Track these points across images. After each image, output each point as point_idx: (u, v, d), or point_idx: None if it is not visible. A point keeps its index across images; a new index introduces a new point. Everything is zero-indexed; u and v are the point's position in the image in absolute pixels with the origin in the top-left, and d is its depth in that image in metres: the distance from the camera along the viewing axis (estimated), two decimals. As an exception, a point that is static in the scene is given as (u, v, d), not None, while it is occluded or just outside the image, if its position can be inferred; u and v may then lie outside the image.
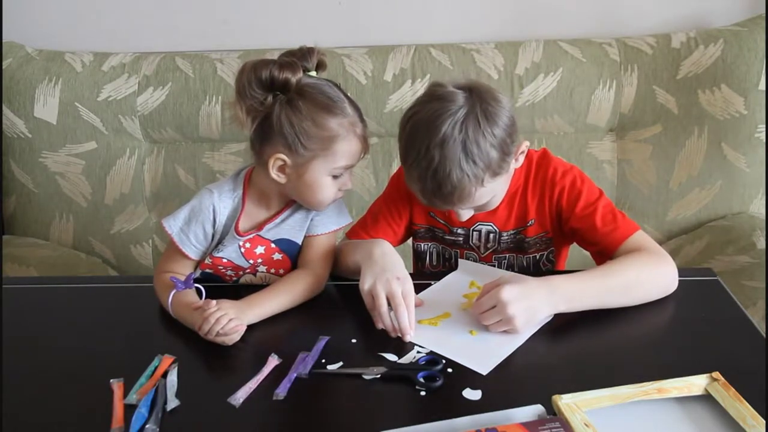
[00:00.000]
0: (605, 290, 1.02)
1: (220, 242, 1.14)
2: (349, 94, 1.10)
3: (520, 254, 1.23)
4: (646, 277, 1.04)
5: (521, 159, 1.11)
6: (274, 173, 1.07)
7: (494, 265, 1.23)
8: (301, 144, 1.04)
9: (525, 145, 1.09)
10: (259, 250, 1.14)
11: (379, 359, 0.94)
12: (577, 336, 0.97)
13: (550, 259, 1.23)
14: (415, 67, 1.78)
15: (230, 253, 1.13)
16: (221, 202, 1.13)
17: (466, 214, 1.11)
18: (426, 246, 1.28)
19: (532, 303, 0.97)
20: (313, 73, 1.08)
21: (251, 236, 1.13)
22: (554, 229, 1.20)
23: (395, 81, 1.77)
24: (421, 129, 1.02)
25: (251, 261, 1.15)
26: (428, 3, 1.88)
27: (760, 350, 0.92)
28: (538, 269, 1.23)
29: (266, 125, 1.05)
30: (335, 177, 1.09)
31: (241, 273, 1.17)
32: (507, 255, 1.24)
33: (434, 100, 1.03)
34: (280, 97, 1.03)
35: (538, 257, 1.23)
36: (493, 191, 1.08)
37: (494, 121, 1.02)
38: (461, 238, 1.23)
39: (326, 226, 1.16)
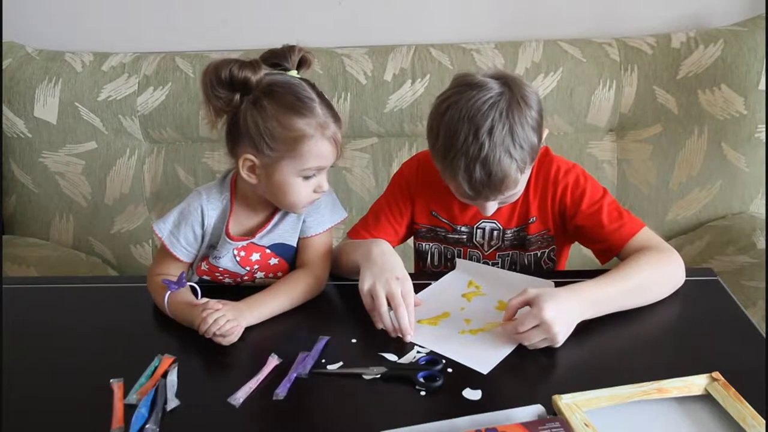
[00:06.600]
0: (624, 293, 1.01)
1: (211, 246, 1.14)
2: (324, 94, 1.06)
3: (523, 251, 1.23)
4: (660, 276, 1.05)
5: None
6: (244, 174, 1.06)
7: (497, 263, 1.24)
8: (267, 145, 1.02)
9: (546, 132, 1.09)
10: (255, 257, 1.14)
11: (379, 359, 0.94)
12: (577, 336, 0.97)
13: (551, 257, 1.23)
14: (415, 67, 1.77)
15: (226, 262, 1.13)
16: (209, 203, 1.12)
17: (493, 207, 1.10)
18: (427, 246, 1.28)
19: (570, 315, 0.96)
20: (294, 72, 1.06)
21: (245, 243, 1.13)
22: (556, 226, 1.20)
23: (395, 81, 1.77)
24: (464, 117, 1.00)
25: (248, 268, 1.14)
26: (428, 3, 1.88)
27: (760, 350, 0.92)
28: (539, 267, 1.23)
29: (234, 125, 1.04)
30: (306, 178, 1.06)
31: (239, 280, 1.16)
32: (510, 252, 1.23)
33: (470, 89, 1.02)
34: (246, 97, 1.02)
35: (539, 255, 1.23)
36: (525, 180, 1.09)
37: (530, 105, 1.03)
38: (465, 236, 1.23)
39: (321, 225, 1.16)
